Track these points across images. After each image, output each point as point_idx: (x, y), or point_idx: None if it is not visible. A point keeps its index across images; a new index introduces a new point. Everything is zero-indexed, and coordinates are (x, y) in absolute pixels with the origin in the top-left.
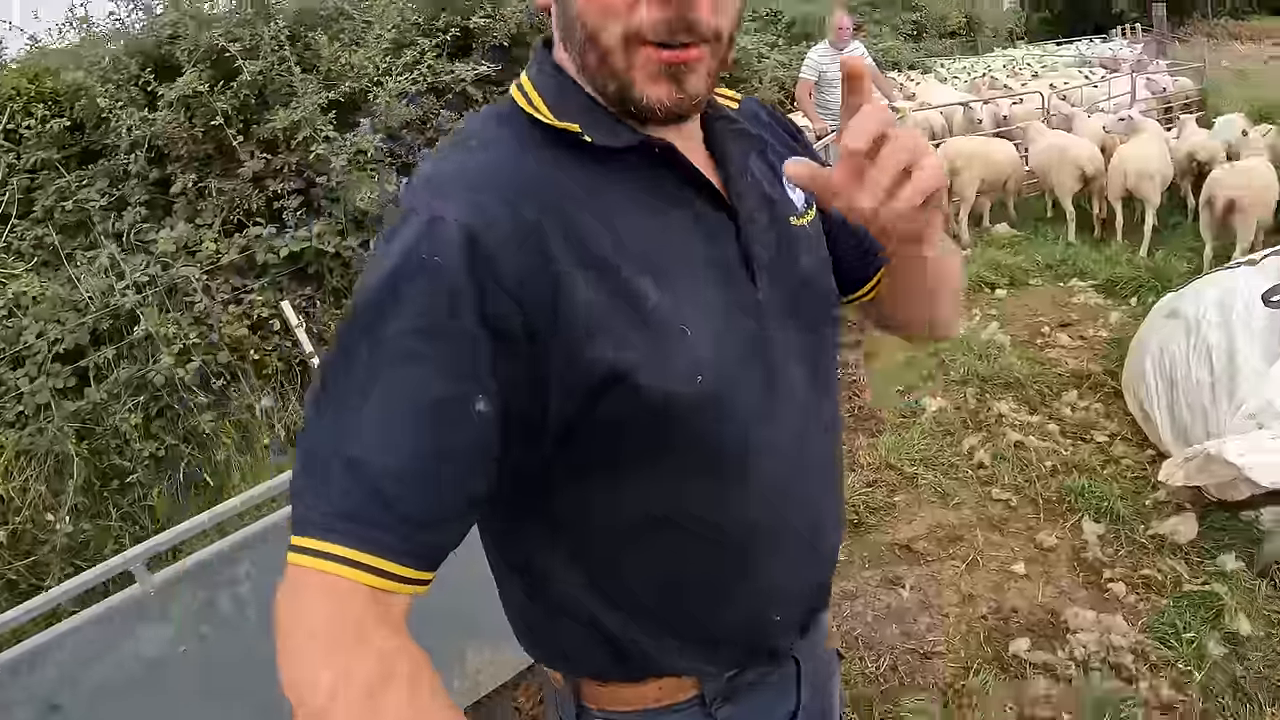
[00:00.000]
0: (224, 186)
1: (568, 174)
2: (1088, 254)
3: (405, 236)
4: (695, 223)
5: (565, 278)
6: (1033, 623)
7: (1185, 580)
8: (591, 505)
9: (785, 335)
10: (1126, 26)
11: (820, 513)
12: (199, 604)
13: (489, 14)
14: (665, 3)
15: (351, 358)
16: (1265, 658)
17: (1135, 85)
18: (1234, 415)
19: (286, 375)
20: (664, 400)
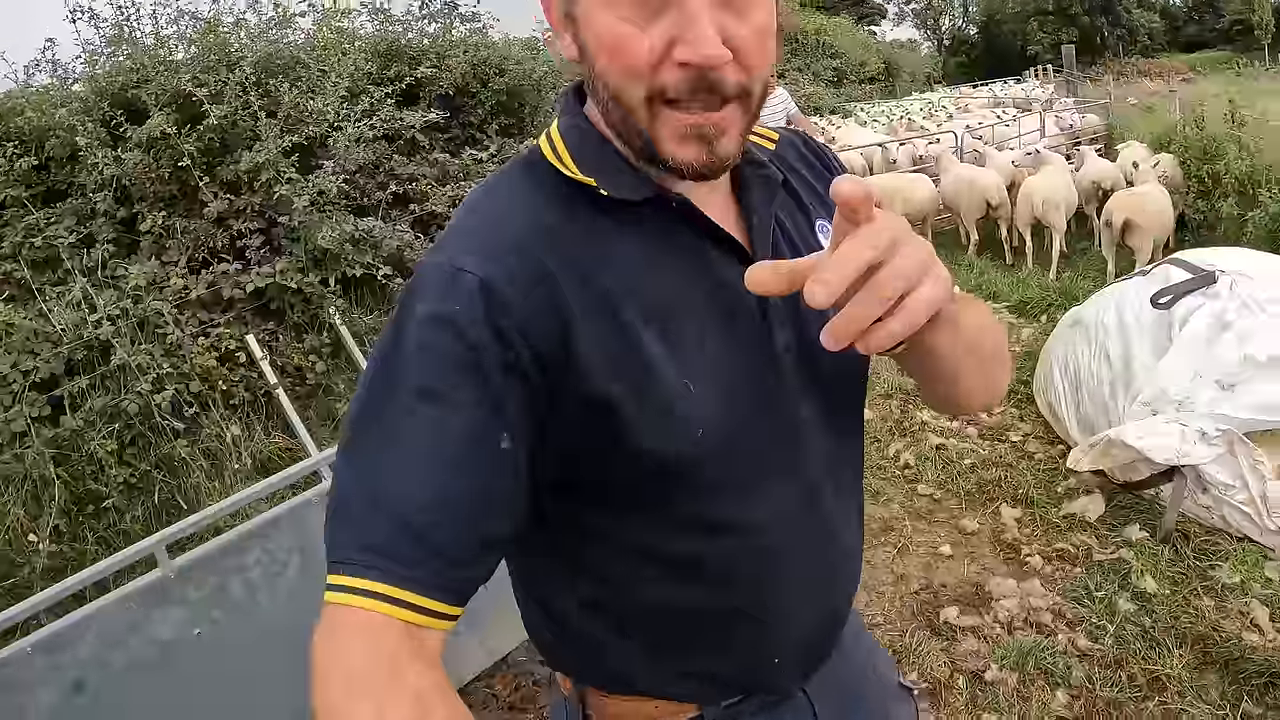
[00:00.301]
0: (189, 225)
1: (585, 226)
2: (1001, 279)
3: (427, 287)
4: (710, 275)
5: (576, 329)
6: (960, 594)
7: (1096, 551)
8: (597, 549)
9: (804, 387)
10: (1038, 68)
11: (830, 566)
12: (211, 589)
13: (435, 65)
14: (687, 65)
15: (379, 404)
16: (1170, 610)
17: (1044, 122)
18: (1131, 405)
19: (253, 405)
20: (664, 455)
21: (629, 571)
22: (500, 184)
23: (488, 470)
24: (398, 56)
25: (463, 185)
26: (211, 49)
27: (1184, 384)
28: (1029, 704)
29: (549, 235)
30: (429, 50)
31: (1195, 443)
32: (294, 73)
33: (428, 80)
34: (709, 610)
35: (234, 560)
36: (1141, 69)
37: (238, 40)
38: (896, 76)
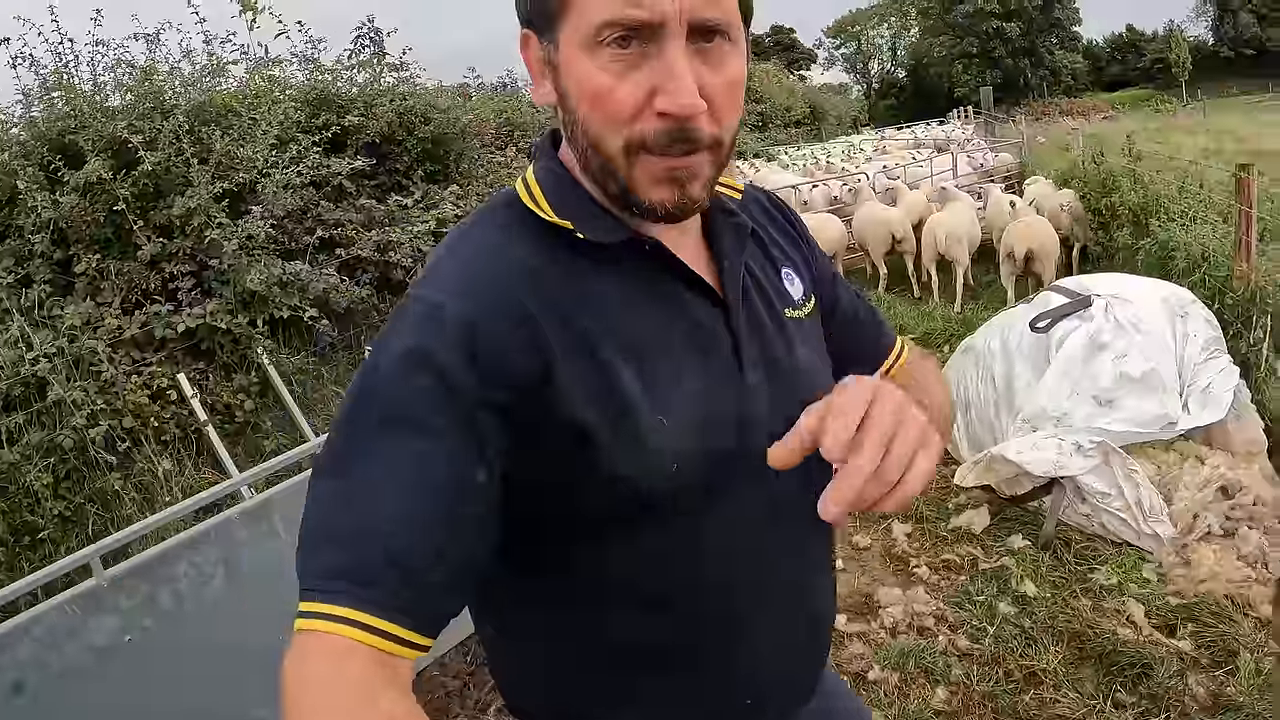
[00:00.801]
0: (123, 267)
1: (563, 268)
2: (908, 312)
3: (409, 324)
4: (681, 315)
5: (557, 368)
6: (850, 604)
7: (981, 560)
8: (561, 583)
9: (775, 424)
10: (960, 110)
11: (802, 605)
12: (142, 598)
13: (362, 114)
14: (666, 116)
15: (356, 434)
16: (1049, 611)
17: (956, 161)
18: (1013, 423)
19: (183, 441)
20: (638, 487)
21: (596, 609)
22: (480, 226)
23: (463, 503)
24: (326, 105)
25: (388, 230)
26: (146, 97)
27: (1061, 401)
28: (909, 700)
29: (530, 276)
30: (357, 99)
31: (1072, 455)
32: (225, 121)
33: (355, 128)
34: (677, 648)
35: (163, 571)
36: (1064, 108)
37: (172, 88)
38: (823, 120)
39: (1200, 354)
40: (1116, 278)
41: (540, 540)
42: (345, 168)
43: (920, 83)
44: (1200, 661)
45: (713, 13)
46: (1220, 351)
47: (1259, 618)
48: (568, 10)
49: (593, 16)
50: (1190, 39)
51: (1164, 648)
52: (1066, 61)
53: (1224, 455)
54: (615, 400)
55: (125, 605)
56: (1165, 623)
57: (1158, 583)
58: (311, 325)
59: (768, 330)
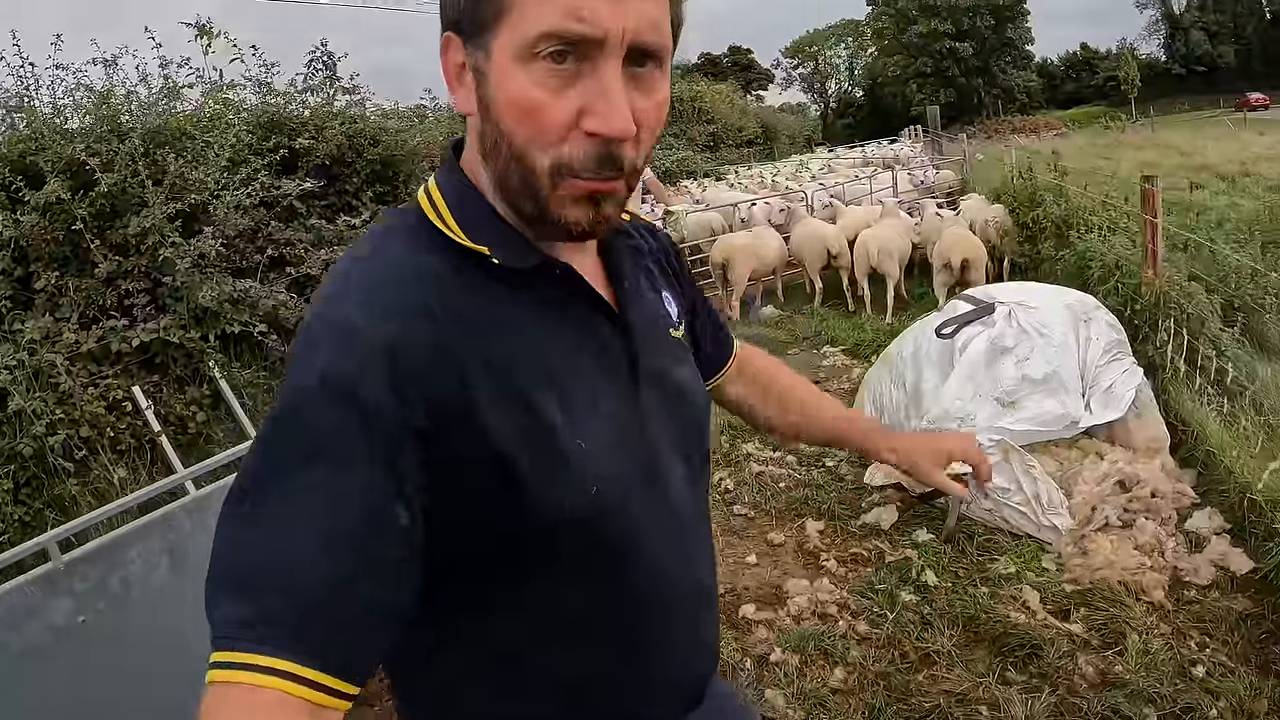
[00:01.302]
0: (81, 284)
1: (477, 291)
2: (840, 324)
3: (323, 350)
4: (591, 337)
5: (475, 394)
6: (759, 595)
7: (887, 554)
8: (485, 614)
9: (667, 439)
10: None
11: (703, 605)
12: (95, 583)
13: (313, 136)
14: (596, 139)
15: (271, 470)
16: (947, 599)
17: (896, 179)
18: (920, 424)
19: (138, 451)
20: (560, 513)
21: (517, 642)
22: (389, 244)
23: (385, 545)
24: (278, 128)
25: (337, 250)
26: (104, 120)
27: (965, 403)
28: (806, 680)
29: (445, 298)
30: (308, 122)
31: None
32: (179, 144)
33: (305, 151)
34: (602, 663)
35: (115, 557)
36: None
37: (128, 112)
38: (775, 139)
39: (1103, 356)
40: (1023, 286)
41: (459, 576)
42: (295, 189)
43: (877, 102)
44: (1090, 643)
45: (653, 37)
46: (1123, 354)
47: (1151, 602)
48: (504, 18)
49: (532, 27)
50: (1143, 56)
51: (1055, 630)
52: (1019, 80)
53: (1124, 451)
54: (536, 427)
55: (79, 588)
56: (1059, 608)
57: (1055, 571)
58: (261, 340)
59: (657, 349)
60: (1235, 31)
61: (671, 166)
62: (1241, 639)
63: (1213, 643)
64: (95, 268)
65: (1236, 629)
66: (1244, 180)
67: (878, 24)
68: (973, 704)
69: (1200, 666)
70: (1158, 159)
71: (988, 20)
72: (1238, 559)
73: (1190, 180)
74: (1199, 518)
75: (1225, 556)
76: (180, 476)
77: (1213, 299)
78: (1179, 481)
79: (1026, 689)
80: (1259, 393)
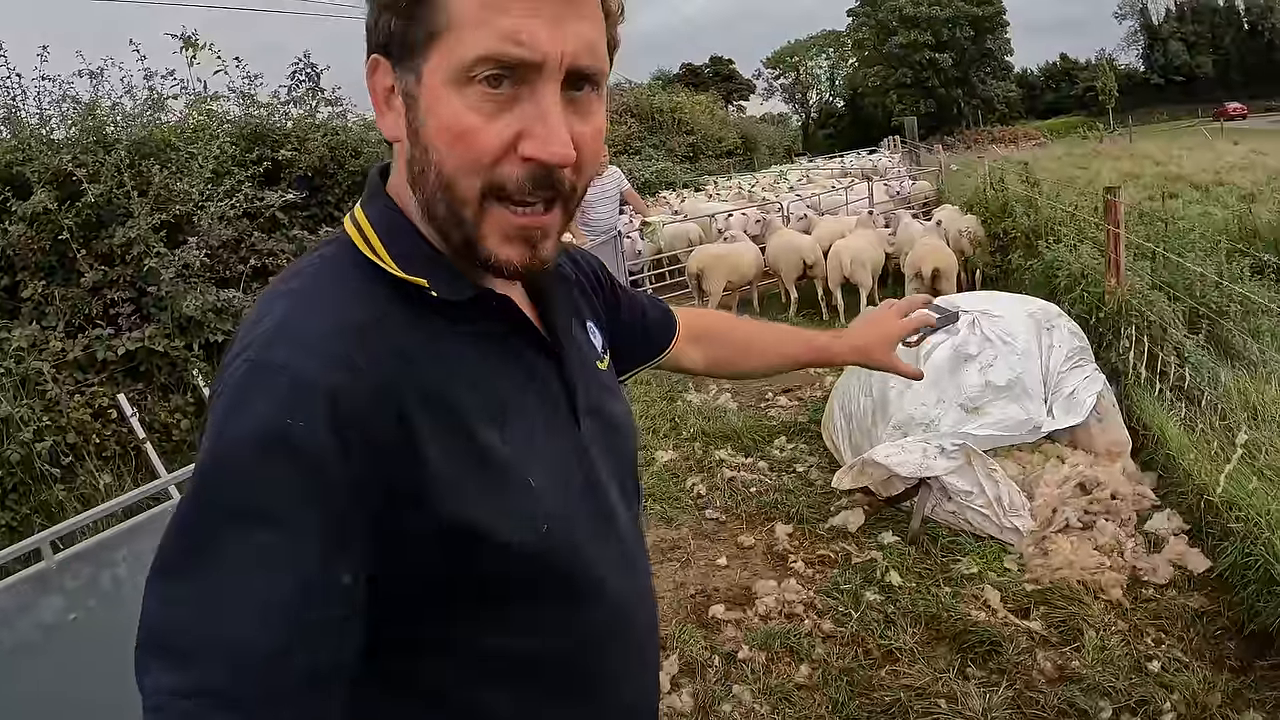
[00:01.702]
0: (67, 293)
1: (414, 326)
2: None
3: (260, 396)
4: (530, 371)
5: (419, 434)
6: (729, 595)
7: (853, 556)
8: (431, 666)
9: (605, 467)
10: (890, 140)
11: (648, 640)
12: (86, 580)
13: (295, 148)
14: (532, 160)
15: (205, 526)
16: (910, 599)
17: (873, 190)
18: (886, 429)
19: (123, 458)
20: (512, 551)
21: (469, 689)
22: (318, 276)
23: (327, 606)
24: (261, 139)
25: None
26: (90, 131)
27: (929, 409)
28: (772, 676)
29: (383, 336)
30: (291, 134)
31: (936, 457)
32: (164, 155)
33: (288, 162)
34: (566, 696)
35: (106, 556)
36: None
37: (114, 123)
38: (755, 150)
39: (1065, 363)
40: (988, 295)
41: (409, 625)
42: (278, 200)
43: (857, 112)
44: (1049, 640)
45: (591, 61)
46: (1085, 360)
47: (1109, 600)
48: (437, 41)
49: (467, 51)
50: (1122, 67)
51: (1015, 628)
52: (999, 90)
53: (1085, 455)
54: (485, 467)
55: (70, 586)
56: (1020, 606)
57: (1016, 571)
58: None
59: (589, 381)
60: (1213, 42)
61: (650, 178)
62: (1197, 635)
63: (1168, 639)
64: (81, 277)
65: (1192, 626)
66: (1217, 189)
67: (858, 35)
68: (932, 697)
69: (1155, 662)
70: (1134, 168)
71: (967, 31)
72: (1195, 559)
73: (1164, 189)
74: (1158, 519)
75: (1183, 556)
76: (165, 481)
77: (1176, 307)
78: (1139, 484)
79: (985, 684)
80: (1219, 398)
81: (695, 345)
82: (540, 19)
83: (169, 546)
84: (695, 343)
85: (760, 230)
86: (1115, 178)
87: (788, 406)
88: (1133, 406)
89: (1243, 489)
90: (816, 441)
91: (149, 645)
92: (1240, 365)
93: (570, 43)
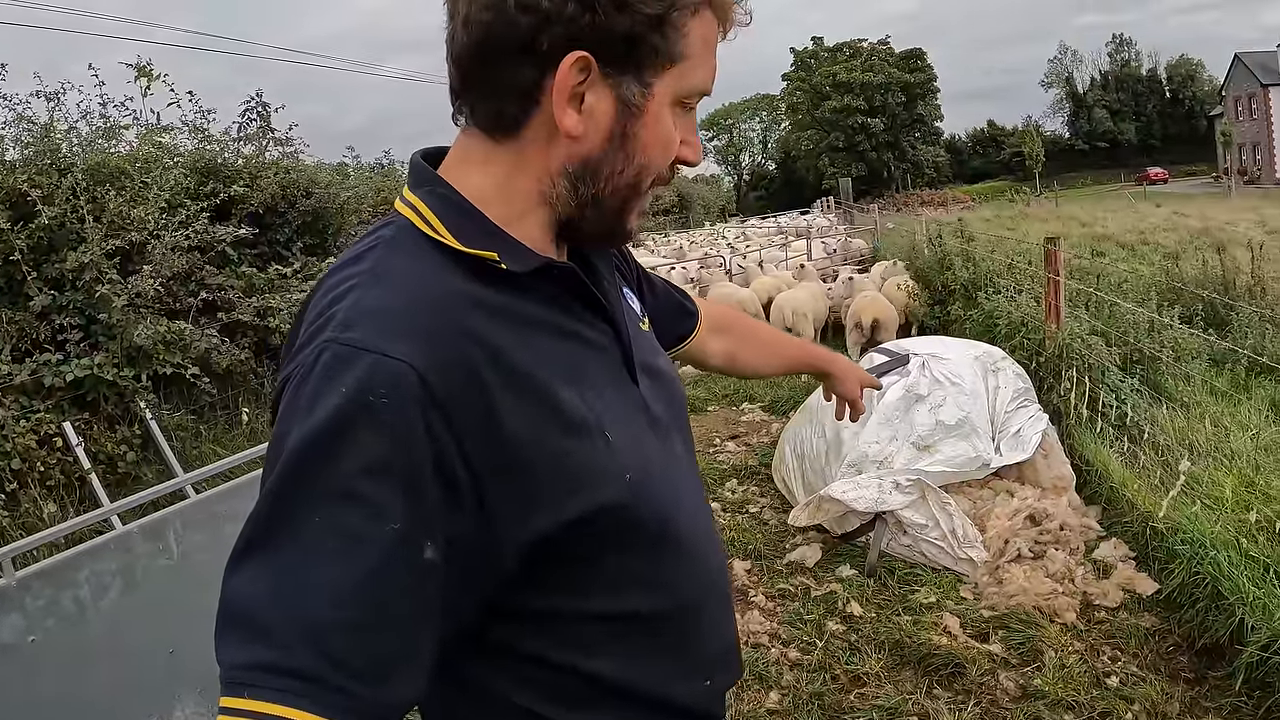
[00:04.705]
0: (15, 316)
1: (486, 301)
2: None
3: (345, 376)
4: (591, 333)
5: (499, 404)
6: None
7: (813, 589)
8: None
9: (666, 421)
10: (823, 200)
11: (726, 579)
12: (46, 601)
13: (248, 184)
14: (683, 162)
15: (289, 505)
16: (873, 628)
17: (810, 247)
18: (841, 467)
19: (67, 488)
20: (601, 507)
21: (566, 650)
22: (384, 257)
23: (410, 583)
24: (214, 174)
25: (268, 297)
26: (45, 152)
27: (883, 446)
28: (743, 703)
29: (455, 309)
30: (243, 170)
31: (891, 492)
32: (119, 182)
33: (240, 198)
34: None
35: (68, 576)
36: (926, 199)
37: (69, 146)
38: (690, 209)
39: (1011, 403)
40: (935, 340)
41: (503, 594)
42: (229, 235)
43: (790, 174)
44: (1010, 661)
45: None
46: (1030, 401)
47: (1064, 623)
48: (672, 65)
49: (696, 81)
50: (1048, 133)
51: (977, 650)
52: (928, 155)
53: (1033, 489)
54: (566, 427)
55: (30, 606)
56: (979, 631)
57: (973, 600)
58: (194, 382)
59: (639, 341)
60: (1136, 109)
61: None
62: (1151, 651)
63: (1124, 656)
64: (30, 300)
65: (1145, 643)
66: (1143, 248)
67: (792, 99)
68: (903, 716)
69: (1114, 677)
70: (1061, 229)
71: (899, 97)
72: (1143, 582)
73: (1092, 248)
74: (1105, 548)
75: (1131, 580)
76: (107, 510)
77: (1113, 351)
78: (1084, 516)
79: (952, 703)
80: (1157, 434)
81: (717, 337)
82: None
83: (253, 525)
84: (717, 334)
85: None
86: (1043, 237)
87: (736, 451)
88: (1075, 444)
89: (1185, 514)
90: (767, 484)
91: (228, 619)
92: (1174, 406)
93: None
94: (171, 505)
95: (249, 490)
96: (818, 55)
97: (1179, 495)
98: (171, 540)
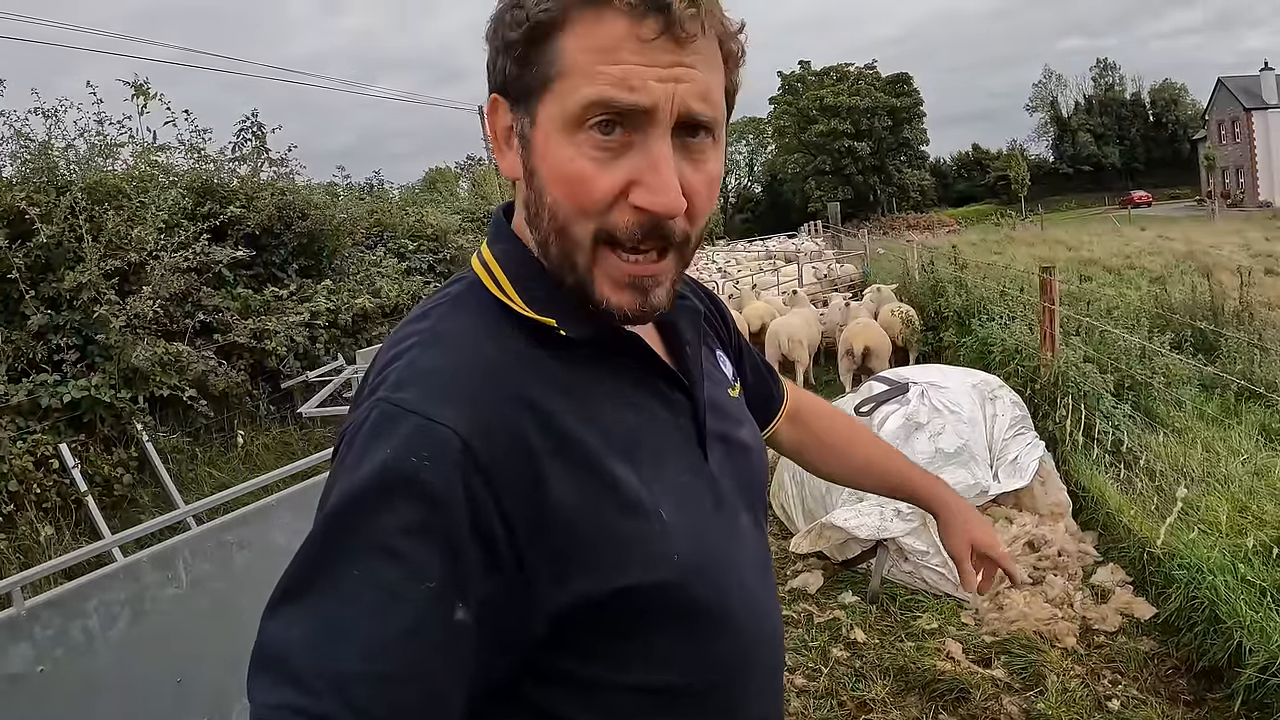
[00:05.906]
0: (11, 336)
1: (544, 367)
2: None
3: (392, 436)
4: (658, 404)
5: (548, 472)
6: None
7: (815, 615)
8: (573, 689)
9: (734, 496)
10: (811, 224)
11: (780, 647)
12: (56, 630)
13: (244, 205)
14: (642, 210)
15: (330, 558)
16: (876, 654)
17: (801, 272)
18: (841, 494)
19: (63, 510)
20: (644, 584)
21: (603, 715)
22: (446, 317)
23: (446, 641)
24: (210, 194)
25: (264, 319)
26: (42, 170)
27: None
28: None
29: (510, 374)
30: (239, 191)
31: (893, 519)
32: (117, 201)
33: (236, 219)
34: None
35: (77, 605)
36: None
37: (66, 164)
38: None
39: (1008, 430)
40: (933, 368)
41: (537, 657)
42: (226, 256)
43: (776, 197)
44: (1013, 686)
45: (703, 108)
46: (1026, 429)
47: (1064, 648)
48: (551, 87)
49: (580, 95)
50: (1033, 156)
51: (980, 675)
52: (914, 178)
53: (1031, 516)
54: (618, 502)
55: (40, 635)
56: (981, 656)
57: (974, 626)
58: (190, 405)
59: (720, 412)
60: (1120, 133)
61: None
62: (1151, 675)
63: (1124, 679)
64: (27, 319)
65: (1145, 667)
66: (1129, 273)
67: (779, 122)
68: None
69: (1115, 701)
70: (1047, 253)
71: (885, 121)
72: (1141, 607)
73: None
74: (1102, 573)
75: (1129, 605)
76: (108, 543)
77: (1106, 378)
78: (1081, 542)
79: None
80: (1150, 459)
81: (791, 425)
82: (651, 65)
83: (292, 574)
84: (791, 422)
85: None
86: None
87: None
88: (1071, 470)
89: (1182, 540)
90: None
91: (262, 660)
92: (1167, 431)
93: (682, 89)
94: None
95: (257, 520)
96: (805, 79)
97: (1175, 521)
98: (180, 569)
